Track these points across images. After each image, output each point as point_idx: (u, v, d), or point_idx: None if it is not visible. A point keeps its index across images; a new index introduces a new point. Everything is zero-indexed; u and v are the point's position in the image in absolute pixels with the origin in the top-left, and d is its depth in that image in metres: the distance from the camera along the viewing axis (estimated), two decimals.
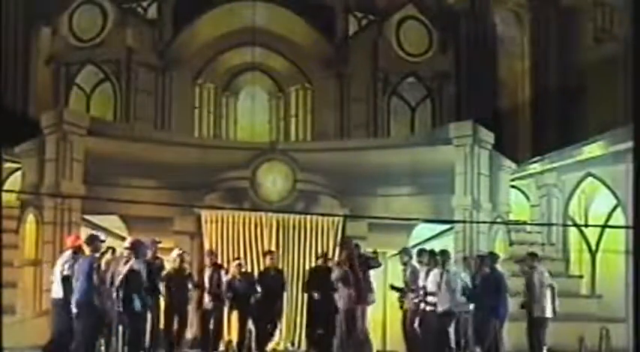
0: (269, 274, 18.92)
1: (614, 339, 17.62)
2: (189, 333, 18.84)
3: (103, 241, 15.35)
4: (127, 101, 24.55)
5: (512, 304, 17.11)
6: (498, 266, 17.05)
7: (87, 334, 14.33)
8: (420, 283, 16.89)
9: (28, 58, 25.20)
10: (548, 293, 17.04)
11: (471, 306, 16.70)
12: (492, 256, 17.36)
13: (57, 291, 15.11)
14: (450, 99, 25.88)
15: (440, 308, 16.40)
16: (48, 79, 25.09)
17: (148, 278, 15.63)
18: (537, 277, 17.08)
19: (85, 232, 19.70)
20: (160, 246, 20.57)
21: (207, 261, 18.94)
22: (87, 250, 14.79)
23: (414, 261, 17.61)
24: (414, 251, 18.09)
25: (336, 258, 17.93)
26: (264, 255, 19.67)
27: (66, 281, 14.78)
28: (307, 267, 20.22)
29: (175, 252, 17.99)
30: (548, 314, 17.07)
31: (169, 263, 17.85)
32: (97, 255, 14.76)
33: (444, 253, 16.86)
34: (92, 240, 14.86)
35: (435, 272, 16.58)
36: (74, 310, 14.32)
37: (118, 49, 24.60)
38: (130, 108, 24.53)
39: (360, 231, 20.71)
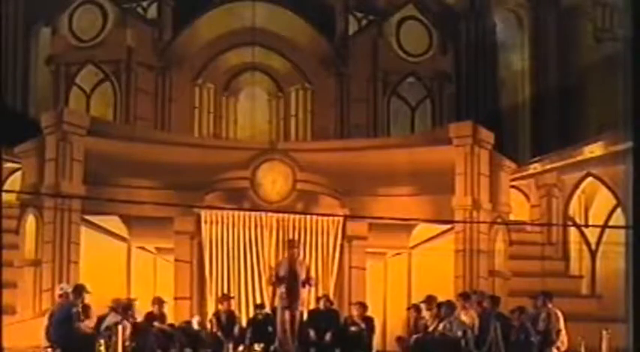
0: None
1: (614, 339, 17.58)
2: None
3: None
4: (127, 101, 24.56)
5: None
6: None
7: None
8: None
9: (28, 58, 25.24)
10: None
11: None
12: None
13: None
14: (450, 99, 25.89)
15: None
16: (48, 79, 25.10)
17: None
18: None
19: (85, 232, 19.82)
20: (159, 246, 20.66)
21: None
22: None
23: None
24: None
25: None
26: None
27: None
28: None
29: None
30: None
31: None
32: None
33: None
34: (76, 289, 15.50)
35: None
36: None
37: (118, 49, 24.61)
38: (130, 108, 24.54)
39: (360, 231, 20.70)
